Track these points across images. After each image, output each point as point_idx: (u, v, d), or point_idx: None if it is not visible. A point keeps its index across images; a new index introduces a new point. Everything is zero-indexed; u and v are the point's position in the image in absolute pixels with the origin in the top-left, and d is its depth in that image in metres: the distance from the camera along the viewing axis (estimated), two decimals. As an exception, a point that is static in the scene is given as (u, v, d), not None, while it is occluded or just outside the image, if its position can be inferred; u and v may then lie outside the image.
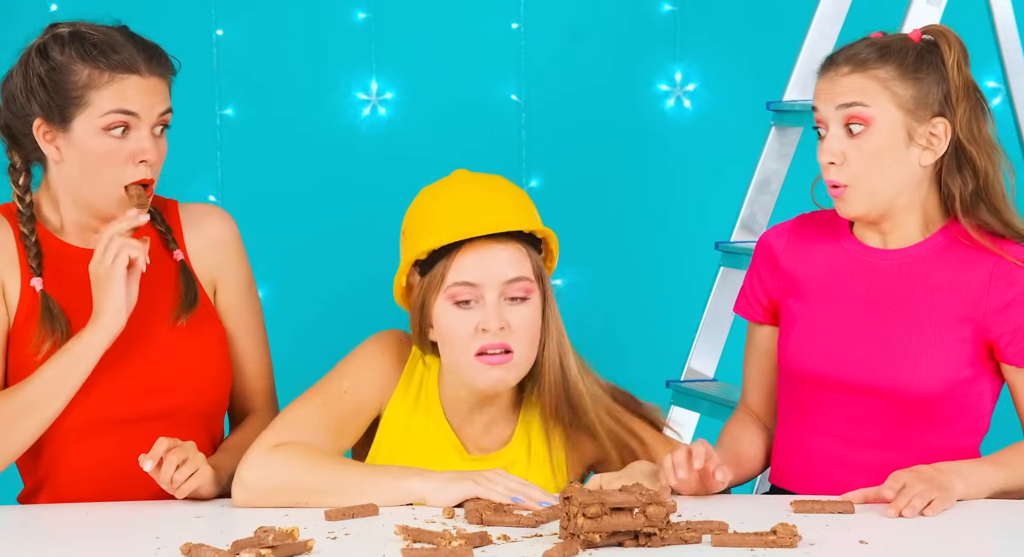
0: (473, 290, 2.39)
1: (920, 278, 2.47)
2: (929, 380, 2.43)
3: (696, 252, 3.94)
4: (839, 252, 2.52)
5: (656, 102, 4.26)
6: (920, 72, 2.42)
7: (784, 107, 3.50)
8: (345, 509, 2.29)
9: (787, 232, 2.57)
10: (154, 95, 2.45)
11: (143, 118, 2.44)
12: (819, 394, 2.49)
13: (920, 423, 2.46)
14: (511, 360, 2.39)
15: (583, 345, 3.91)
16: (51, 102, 2.43)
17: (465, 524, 2.25)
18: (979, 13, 3.44)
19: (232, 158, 4.15)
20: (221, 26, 4.14)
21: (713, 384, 3.54)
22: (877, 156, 2.41)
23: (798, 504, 2.32)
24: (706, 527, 2.16)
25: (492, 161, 4.15)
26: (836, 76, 2.42)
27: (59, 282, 2.49)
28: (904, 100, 2.41)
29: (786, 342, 2.52)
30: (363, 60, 4.19)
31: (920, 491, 2.27)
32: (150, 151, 2.44)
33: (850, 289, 2.49)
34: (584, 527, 2.09)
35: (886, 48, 2.43)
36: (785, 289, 2.54)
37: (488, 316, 2.38)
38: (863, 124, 2.40)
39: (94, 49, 2.43)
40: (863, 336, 2.47)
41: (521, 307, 2.40)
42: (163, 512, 2.36)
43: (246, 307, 2.60)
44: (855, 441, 2.48)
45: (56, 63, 2.43)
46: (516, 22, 4.21)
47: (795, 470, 2.54)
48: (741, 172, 3.60)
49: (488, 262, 2.38)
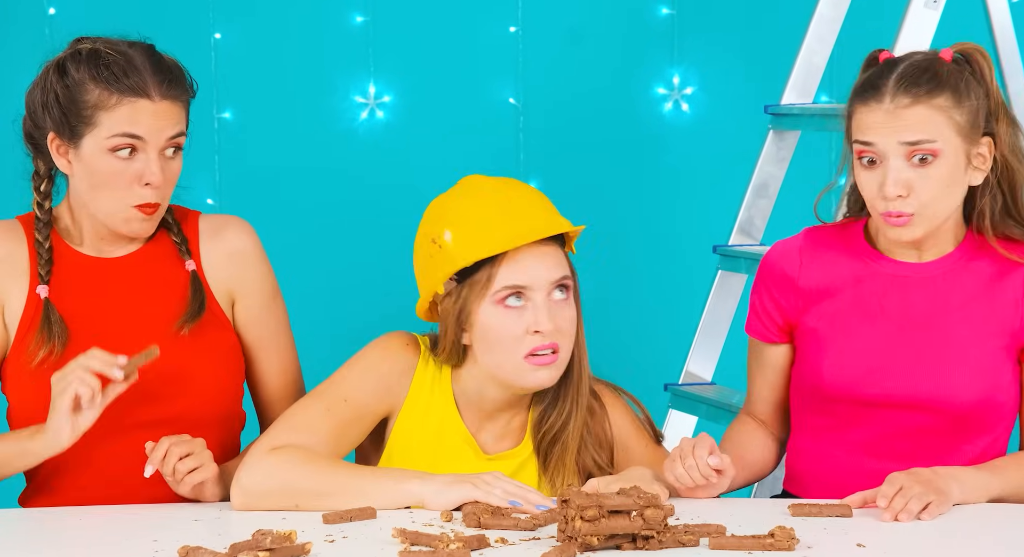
0: (523, 293, 2.40)
1: (954, 290, 2.46)
2: (971, 391, 2.43)
3: (694, 256, 3.94)
4: (864, 267, 2.50)
5: (654, 106, 4.26)
6: (970, 96, 2.41)
7: (782, 111, 3.50)
8: (343, 512, 2.29)
9: (798, 250, 2.54)
10: (164, 119, 2.45)
11: (150, 142, 2.44)
12: (853, 410, 2.48)
13: (956, 433, 2.45)
14: (558, 359, 2.42)
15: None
16: (63, 118, 2.45)
17: (463, 527, 2.25)
18: (976, 17, 3.44)
19: (230, 162, 4.16)
20: (219, 29, 4.15)
21: (711, 388, 3.54)
22: (945, 184, 2.39)
23: (796, 507, 2.32)
24: (704, 530, 2.16)
25: (490, 165, 4.15)
26: (895, 108, 2.37)
27: (69, 291, 2.50)
28: (962, 126, 2.39)
29: (819, 363, 2.49)
30: (361, 63, 4.19)
31: (917, 493, 2.28)
32: (155, 175, 2.44)
33: (883, 305, 2.48)
34: (582, 530, 2.09)
35: (935, 75, 2.40)
36: (806, 308, 2.52)
37: (540, 318, 2.39)
38: (932, 155, 2.39)
39: (106, 70, 2.44)
40: (902, 351, 2.46)
41: (565, 307, 2.43)
42: (161, 515, 2.36)
43: (269, 320, 2.60)
44: (888, 455, 2.47)
45: (71, 81, 2.45)
46: (514, 25, 4.21)
47: (818, 481, 2.52)
48: (739, 176, 3.60)
49: (536, 264, 2.40)
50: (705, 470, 2.37)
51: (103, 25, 2.53)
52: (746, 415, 2.64)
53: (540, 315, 2.39)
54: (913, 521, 2.27)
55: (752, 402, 2.63)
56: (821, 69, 3.51)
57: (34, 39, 3.90)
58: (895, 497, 2.27)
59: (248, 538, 2.11)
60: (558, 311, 2.41)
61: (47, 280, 2.49)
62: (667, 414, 3.58)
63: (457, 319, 2.43)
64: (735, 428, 2.61)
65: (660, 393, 3.59)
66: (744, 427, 2.61)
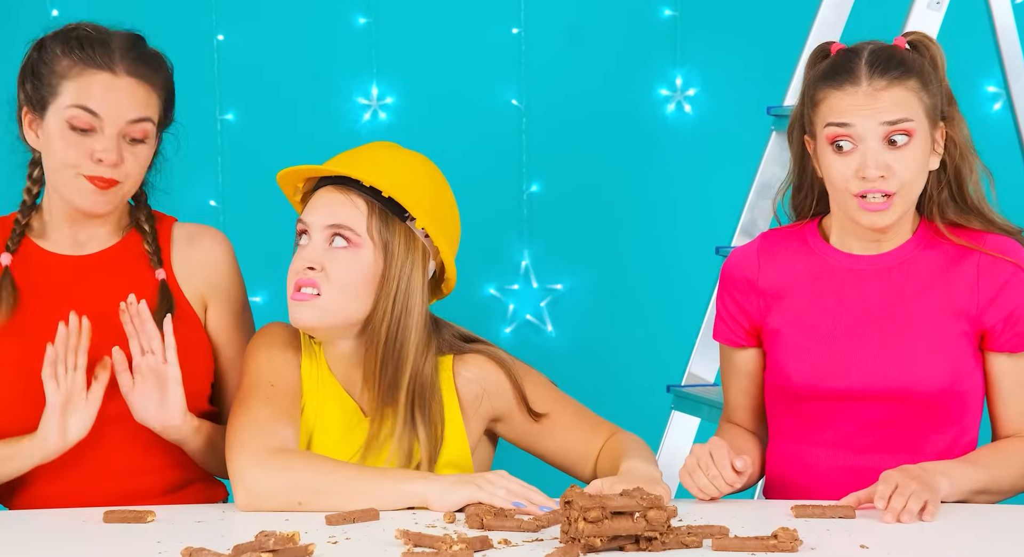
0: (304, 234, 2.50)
1: (910, 279, 2.49)
2: (936, 377, 2.45)
3: (697, 257, 3.94)
4: (821, 263, 2.53)
5: (657, 107, 4.26)
6: (931, 81, 2.46)
7: (785, 112, 3.50)
8: (346, 513, 2.29)
9: (755, 253, 2.57)
10: (125, 98, 2.43)
11: (106, 120, 2.42)
12: (823, 406, 2.50)
13: (927, 422, 2.47)
14: (317, 301, 2.46)
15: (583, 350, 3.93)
16: (34, 90, 2.46)
17: (466, 528, 2.25)
18: (979, 18, 3.45)
19: (233, 163, 4.16)
20: (222, 31, 4.15)
21: (714, 389, 3.54)
22: (920, 165, 2.43)
23: (799, 509, 2.32)
24: (707, 531, 2.17)
25: (492, 166, 4.16)
26: (873, 91, 2.41)
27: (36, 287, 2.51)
28: (929, 109, 2.44)
29: (784, 361, 2.52)
30: (364, 65, 4.19)
31: (915, 490, 2.28)
32: (107, 151, 2.42)
33: (841, 299, 2.50)
34: (585, 531, 2.09)
35: (901, 59, 2.44)
36: (768, 309, 2.55)
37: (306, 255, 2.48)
38: (908, 136, 2.42)
39: (76, 42, 2.45)
40: (864, 343, 2.48)
41: (344, 254, 2.46)
42: (163, 516, 2.36)
43: (237, 328, 2.62)
44: (862, 448, 2.49)
45: (46, 53, 2.47)
46: (516, 27, 4.21)
47: (798, 483, 2.54)
48: (742, 177, 3.60)
49: (317, 206, 2.49)
50: (730, 477, 2.38)
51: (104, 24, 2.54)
52: (726, 423, 2.65)
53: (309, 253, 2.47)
54: (915, 522, 2.27)
55: (730, 411, 2.65)
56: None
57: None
58: (893, 496, 2.28)
59: (251, 540, 2.12)
60: (331, 255, 2.46)
61: (13, 250, 2.50)
62: (669, 415, 3.58)
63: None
64: (723, 435, 2.61)
65: (662, 394, 3.60)
66: (732, 432, 2.62)
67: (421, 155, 2.56)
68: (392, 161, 2.52)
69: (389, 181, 2.48)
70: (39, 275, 2.52)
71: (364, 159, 2.51)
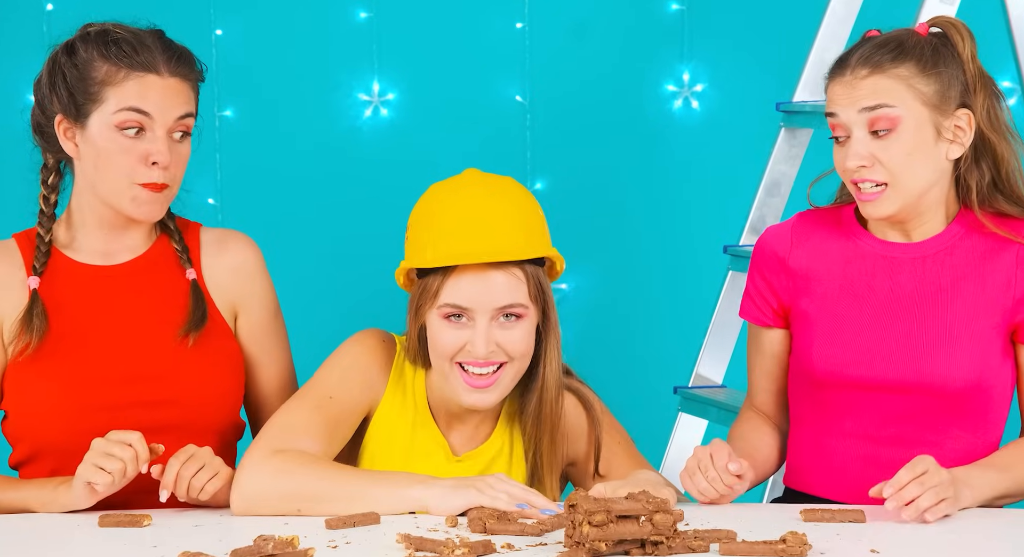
0: (465, 312, 2.42)
1: (944, 269, 2.48)
2: (963, 372, 2.45)
3: (704, 256, 3.94)
4: (854, 248, 2.53)
5: (663, 103, 4.26)
6: (939, 65, 2.44)
7: (794, 108, 3.50)
8: (346, 517, 2.29)
9: (790, 232, 2.57)
10: (172, 97, 2.46)
11: (157, 119, 2.45)
12: (846, 395, 2.49)
13: (950, 417, 2.47)
14: (497, 381, 2.44)
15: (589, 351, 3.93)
16: (71, 98, 2.47)
17: (468, 533, 2.25)
18: (994, 12, 3.44)
19: (231, 161, 4.16)
20: (220, 26, 4.15)
21: (722, 390, 3.54)
22: (908, 153, 2.42)
23: (808, 513, 2.32)
24: (714, 536, 2.16)
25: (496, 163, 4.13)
26: (854, 79, 2.42)
27: (66, 300, 2.51)
28: (928, 96, 2.42)
29: (808, 346, 2.51)
30: (365, 60, 4.19)
31: (938, 483, 2.27)
32: (162, 154, 2.45)
33: (871, 286, 2.50)
34: (590, 535, 2.09)
35: (900, 46, 2.44)
36: (797, 290, 2.55)
37: (476, 340, 2.41)
38: (889, 127, 2.41)
39: (114, 46, 2.46)
40: (891, 333, 2.48)
41: (514, 329, 2.43)
42: (161, 521, 2.36)
43: (269, 334, 2.62)
44: (883, 440, 2.48)
45: (79, 59, 2.47)
46: (520, 21, 4.21)
47: (817, 472, 2.54)
48: (750, 174, 3.60)
49: (482, 288, 2.41)
50: (729, 479, 2.37)
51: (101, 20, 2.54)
52: (749, 410, 2.65)
53: (477, 337, 2.41)
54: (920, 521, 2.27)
55: (753, 394, 2.65)
56: (834, 66, 3.50)
57: (32, 34, 3.90)
58: (912, 483, 2.27)
59: (249, 544, 2.12)
60: (502, 332, 2.42)
61: (40, 272, 2.50)
62: (676, 418, 3.58)
63: (415, 314, 2.46)
64: (741, 426, 2.62)
65: (669, 396, 3.59)
66: (749, 424, 2.62)
67: (511, 181, 2.51)
68: (518, 210, 2.45)
69: (535, 241, 2.44)
70: (70, 289, 2.52)
71: (502, 225, 2.42)
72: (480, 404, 2.45)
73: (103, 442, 2.36)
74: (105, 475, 2.34)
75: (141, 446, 2.36)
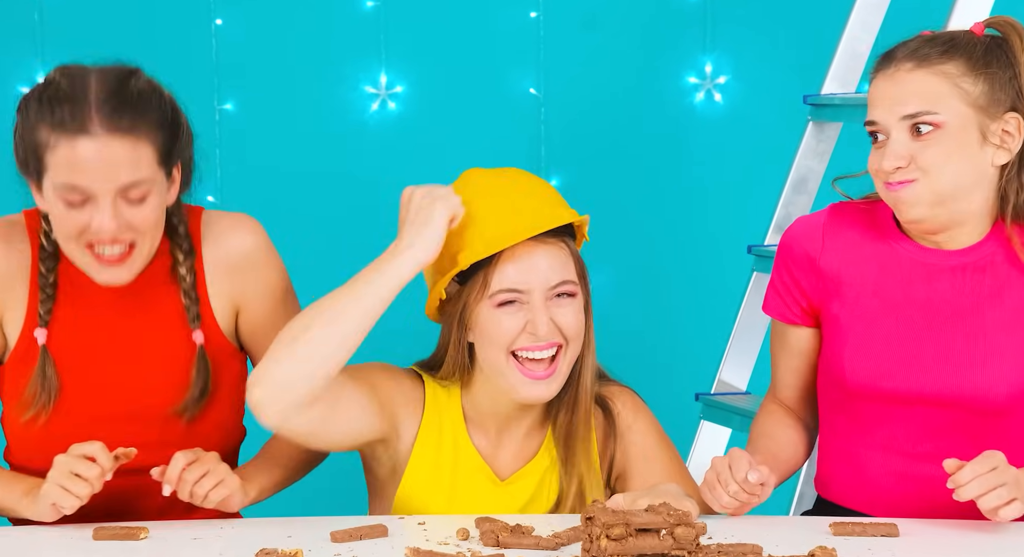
0: (519, 295, 2.43)
1: (985, 279, 2.46)
2: (1003, 386, 2.43)
3: (727, 256, 3.93)
4: (889, 253, 2.51)
5: (685, 96, 4.26)
6: (991, 66, 2.41)
7: (822, 101, 3.50)
8: (352, 530, 2.28)
9: (821, 229, 2.55)
10: (109, 164, 2.31)
11: (97, 191, 2.32)
12: (879, 407, 2.48)
13: (989, 433, 2.45)
14: (556, 370, 2.44)
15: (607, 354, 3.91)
16: (24, 162, 2.39)
17: (480, 546, 2.24)
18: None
19: (232, 156, 4.16)
20: (220, 15, 4.15)
21: (746, 397, 3.53)
22: (947, 154, 2.39)
23: (838, 526, 2.31)
24: (739, 550, 2.16)
25: (509, 158, 4.13)
26: (897, 73, 2.40)
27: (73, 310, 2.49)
28: (975, 97, 2.39)
29: (840, 355, 2.50)
30: (372, 51, 4.19)
31: (1011, 479, 2.25)
32: (104, 228, 2.33)
33: (908, 294, 2.48)
34: (608, 550, 2.09)
35: (951, 42, 2.41)
36: (828, 292, 2.53)
37: (536, 320, 2.42)
38: (934, 126, 2.39)
39: (52, 104, 2.33)
40: (927, 344, 2.46)
41: (568, 307, 2.45)
42: (159, 534, 2.36)
43: (277, 324, 2.50)
44: (918, 455, 2.47)
45: (28, 122, 2.37)
46: (535, 10, 4.22)
47: (848, 484, 2.53)
48: (776, 171, 3.60)
49: (531, 265, 2.43)
50: (751, 489, 2.36)
51: (96, 11, 2.53)
52: (772, 402, 2.64)
53: (537, 316, 2.42)
54: (993, 512, 2.25)
55: (777, 388, 2.64)
56: (865, 57, 3.50)
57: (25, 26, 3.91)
58: (985, 475, 2.24)
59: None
60: (558, 310, 2.44)
61: (46, 321, 2.47)
62: (698, 426, 3.58)
63: (459, 322, 2.45)
64: (763, 420, 2.61)
65: (691, 403, 3.59)
66: (771, 418, 2.61)
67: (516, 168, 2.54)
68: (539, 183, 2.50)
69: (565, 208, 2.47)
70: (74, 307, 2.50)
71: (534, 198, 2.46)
72: (539, 396, 2.44)
73: (66, 460, 2.35)
74: (72, 498, 2.34)
75: (104, 457, 2.35)
